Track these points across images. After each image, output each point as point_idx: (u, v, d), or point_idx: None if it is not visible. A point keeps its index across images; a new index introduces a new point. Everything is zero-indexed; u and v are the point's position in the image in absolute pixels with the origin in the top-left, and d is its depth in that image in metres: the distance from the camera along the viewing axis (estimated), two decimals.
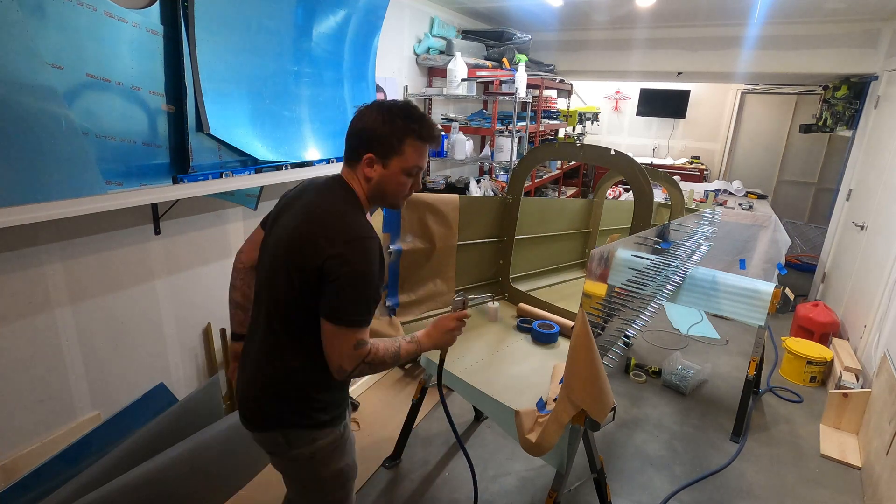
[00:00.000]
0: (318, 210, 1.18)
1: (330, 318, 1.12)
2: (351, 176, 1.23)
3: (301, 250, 1.14)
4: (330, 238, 1.11)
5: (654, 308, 1.88)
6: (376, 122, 1.16)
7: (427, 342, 1.30)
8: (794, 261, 5.49)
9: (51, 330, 1.81)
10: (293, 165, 2.44)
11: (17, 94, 1.47)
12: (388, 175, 1.19)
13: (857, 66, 3.92)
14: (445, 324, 1.31)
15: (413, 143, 1.18)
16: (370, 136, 1.17)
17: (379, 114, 1.16)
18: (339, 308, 1.11)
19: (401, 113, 1.17)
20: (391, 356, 1.20)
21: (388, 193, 1.22)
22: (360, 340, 1.13)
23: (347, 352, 1.12)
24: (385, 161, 1.18)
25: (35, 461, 1.79)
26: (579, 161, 5.10)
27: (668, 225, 2.47)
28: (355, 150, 1.19)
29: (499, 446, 2.48)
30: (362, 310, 1.13)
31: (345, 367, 1.13)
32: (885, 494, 2.05)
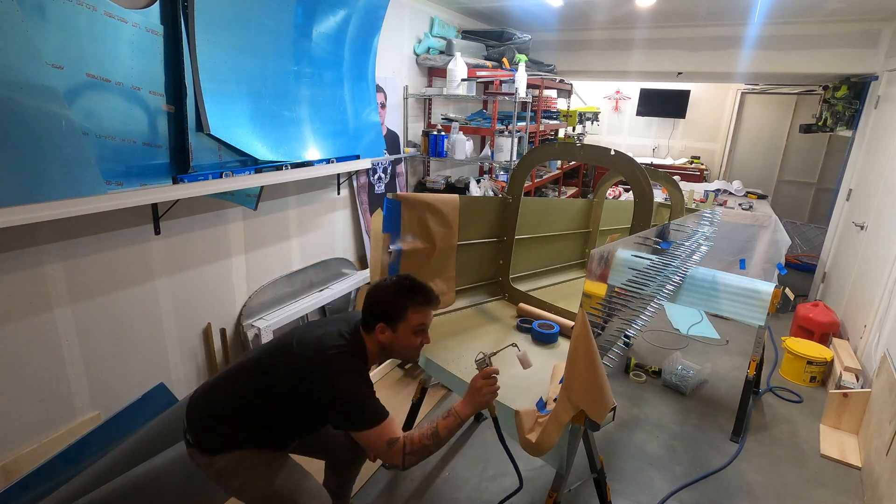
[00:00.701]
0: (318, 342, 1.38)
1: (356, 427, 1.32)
2: (367, 338, 1.45)
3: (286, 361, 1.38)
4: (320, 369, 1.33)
5: (654, 308, 1.88)
6: (381, 297, 1.42)
7: (466, 409, 1.42)
8: (794, 261, 5.49)
9: (51, 330, 1.81)
10: (293, 165, 2.44)
11: (17, 94, 1.47)
12: (398, 338, 1.42)
13: (857, 66, 3.92)
14: (479, 387, 1.42)
15: (414, 309, 1.42)
16: (381, 306, 1.42)
17: (384, 293, 1.43)
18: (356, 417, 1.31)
19: (398, 289, 1.42)
20: (430, 438, 1.35)
21: (402, 350, 1.46)
22: (391, 439, 1.31)
23: (386, 450, 1.31)
24: (394, 328, 1.41)
25: (35, 461, 1.79)
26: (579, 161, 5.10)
27: (668, 225, 2.47)
28: (369, 321, 1.43)
29: (499, 446, 2.48)
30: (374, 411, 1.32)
31: (393, 462, 1.33)
32: (885, 494, 2.05)
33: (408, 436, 1.33)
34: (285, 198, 2.75)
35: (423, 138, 3.68)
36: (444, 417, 1.38)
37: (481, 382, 1.41)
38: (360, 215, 3.36)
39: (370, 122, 2.98)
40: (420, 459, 1.35)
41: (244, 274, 2.57)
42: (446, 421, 1.38)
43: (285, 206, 2.76)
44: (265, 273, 2.70)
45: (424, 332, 1.46)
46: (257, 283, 2.65)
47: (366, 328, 1.44)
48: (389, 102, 3.40)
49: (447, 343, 1.97)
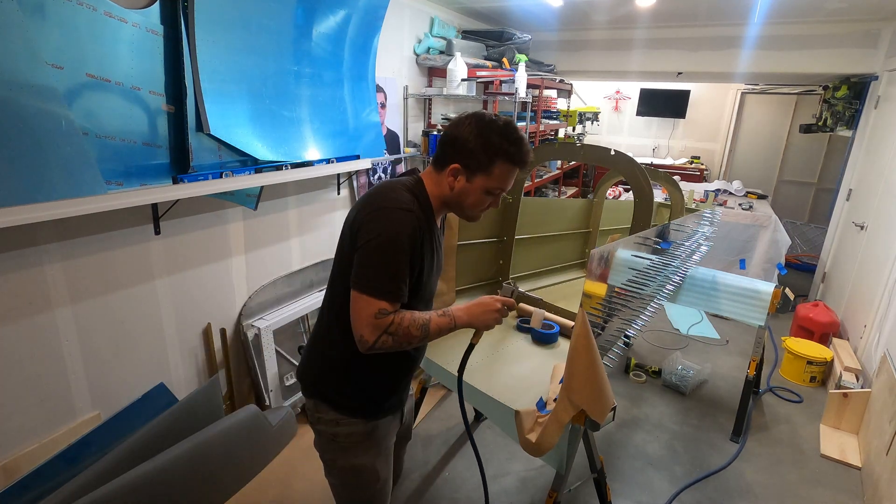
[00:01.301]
0: (374, 188, 1.21)
1: (354, 285, 1.11)
2: (431, 177, 1.23)
3: (348, 224, 1.19)
4: (366, 207, 1.15)
5: (654, 308, 1.88)
6: (471, 133, 1.15)
7: (463, 317, 1.22)
8: (794, 261, 5.49)
9: (51, 330, 1.81)
10: (293, 165, 2.44)
11: (17, 94, 1.47)
12: (469, 189, 1.19)
13: (857, 66, 3.92)
14: (490, 303, 1.24)
15: (503, 165, 1.17)
16: (462, 146, 1.16)
17: (476, 126, 1.15)
18: (361, 275, 1.11)
19: (499, 130, 1.15)
20: (418, 328, 1.14)
21: (466, 206, 1.23)
22: (382, 310, 1.10)
23: (368, 320, 1.09)
24: (470, 175, 1.17)
25: (35, 461, 1.79)
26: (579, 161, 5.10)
27: (668, 225, 2.47)
28: (443, 156, 1.19)
29: (499, 446, 2.48)
30: (384, 278, 1.10)
31: (366, 338, 1.10)
32: (885, 494, 2.05)
33: (398, 314, 1.12)
34: (285, 198, 2.75)
35: (423, 138, 3.68)
36: (440, 315, 1.19)
37: (497, 305, 1.23)
38: None
39: (370, 122, 2.98)
40: (394, 347, 1.13)
41: (244, 274, 2.57)
42: (441, 319, 1.18)
43: (285, 206, 2.76)
44: (265, 273, 2.70)
45: (498, 196, 1.23)
46: (257, 283, 2.65)
47: (437, 164, 1.20)
48: (389, 102, 3.39)
49: (447, 343, 1.97)
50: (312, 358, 1.34)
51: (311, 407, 1.32)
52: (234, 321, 2.56)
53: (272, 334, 2.57)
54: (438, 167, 1.20)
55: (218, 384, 2.17)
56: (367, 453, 1.31)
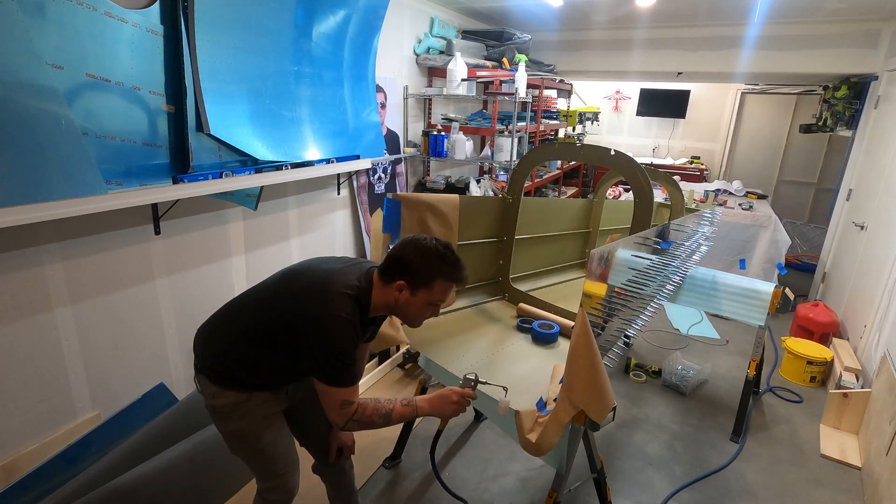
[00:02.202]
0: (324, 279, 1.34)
1: (318, 378, 1.29)
2: (379, 286, 1.37)
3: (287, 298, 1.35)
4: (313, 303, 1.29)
5: (654, 308, 1.88)
6: (413, 258, 1.34)
7: (425, 407, 1.39)
8: (794, 261, 5.49)
9: (51, 330, 1.81)
10: (293, 165, 2.44)
11: (17, 94, 1.47)
12: (412, 301, 1.36)
13: (857, 66, 3.92)
14: (449, 396, 1.40)
15: (442, 282, 1.36)
16: (406, 267, 1.34)
17: (419, 250, 1.35)
18: (322, 371, 1.28)
19: (438, 254, 1.35)
20: (381, 416, 1.33)
21: (409, 315, 1.40)
22: (345, 400, 1.29)
23: (335, 409, 1.29)
24: (414, 291, 1.35)
25: (35, 461, 1.79)
26: (579, 161, 5.10)
27: (668, 225, 2.47)
28: (390, 273, 1.35)
29: (499, 446, 2.48)
30: (340, 374, 1.28)
31: (337, 423, 1.31)
32: (885, 494, 2.05)
33: (362, 404, 1.31)
34: (285, 198, 2.75)
35: (423, 138, 3.68)
36: (404, 405, 1.36)
37: (456, 397, 1.40)
38: (360, 215, 3.36)
39: (370, 122, 2.98)
40: (360, 429, 1.34)
41: (244, 274, 2.57)
42: (404, 409, 1.36)
43: (285, 206, 2.76)
44: (265, 273, 2.67)
45: (437, 307, 1.42)
46: None
47: (384, 277, 1.37)
48: (389, 102, 3.40)
49: (447, 343, 1.97)
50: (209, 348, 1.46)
51: (197, 384, 1.47)
52: None
53: None
54: (386, 280, 1.36)
55: None
56: (242, 419, 1.42)
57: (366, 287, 1.36)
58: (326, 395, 1.29)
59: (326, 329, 1.27)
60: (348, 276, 1.36)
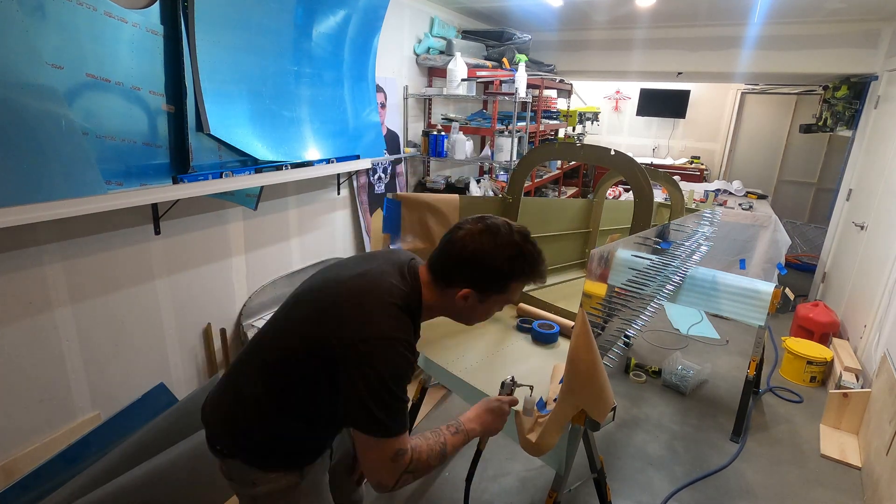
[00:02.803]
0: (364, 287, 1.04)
1: (360, 428, 0.98)
2: (432, 290, 1.09)
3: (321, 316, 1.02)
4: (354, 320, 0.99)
5: (654, 308, 1.88)
6: (494, 255, 1.05)
7: (477, 429, 1.17)
8: (794, 261, 5.49)
9: (51, 330, 1.81)
10: (293, 165, 2.44)
11: (17, 94, 1.47)
12: (481, 308, 1.12)
13: (857, 66, 3.92)
14: (499, 407, 1.20)
15: (519, 284, 1.11)
16: (477, 271, 1.05)
17: (492, 247, 1.05)
18: (369, 417, 0.97)
19: (517, 255, 1.07)
20: (437, 456, 1.06)
21: (469, 319, 1.16)
22: (400, 450, 0.99)
23: (385, 465, 0.99)
24: (483, 297, 1.09)
25: (35, 461, 1.79)
26: (579, 161, 5.10)
27: (668, 225, 2.47)
28: (451, 276, 1.07)
29: (499, 446, 2.48)
30: (395, 417, 0.99)
31: (385, 483, 1.00)
32: (885, 494, 2.05)
33: (416, 448, 1.02)
34: (285, 198, 2.75)
35: (423, 138, 3.68)
36: (454, 433, 1.10)
37: (506, 409, 1.20)
38: (360, 215, 3.36)
39: (370, 122, 2.98)
40: (414, 480, 1.05)
41: (244, 274, 2.57)
42: (455, 438, 1.11)
43: (285, 206, 2.76)
44: (265, 273, 2.70)
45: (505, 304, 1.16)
46: (257, 283, 2.65)
47: (442, 279, 1.08)
48: (389, 102, 3.40)
49: (447, 343, 1.97)
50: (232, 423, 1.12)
51: (224, 471, 1.16)
52: (235, 321, 2.56)
53: None
54: (443, 284, 1.08)
55: None
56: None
57: (413, 287, 1.08)
58: (374, 449, 0.99)
59: (374, 357, 0.96)
60: (389, 277, 1.06)
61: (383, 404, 0.97)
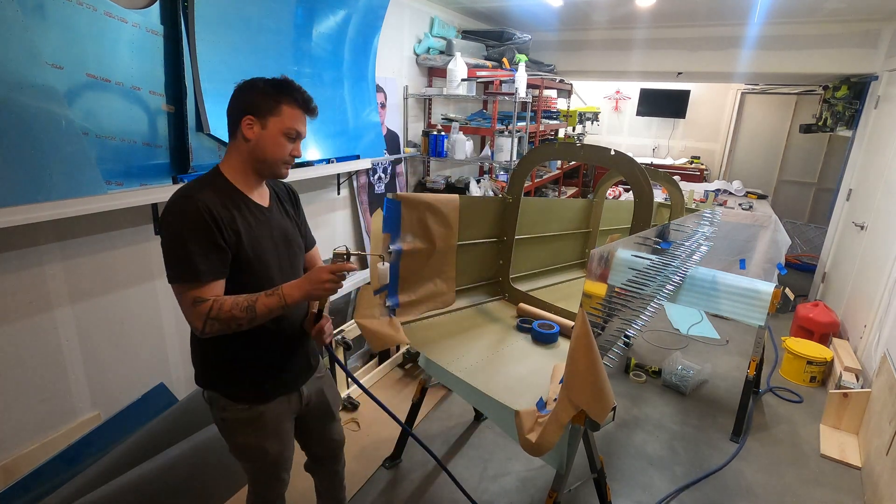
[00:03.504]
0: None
1: (168, 280, 1.18)
2: (229, 154, 1.27)
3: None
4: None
5: (654, 308, 1.88)
6: (252, 90, 1.23)
7: (294, 294, 1.23)
8: (794, 261, 5.49)
9: (51, 330, 1.81)
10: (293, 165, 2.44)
11: (17, 94, 1.47)
12: (267, 136, 1.24)
13: (857, 66, 3.92)
14: (319, 275, 1.24)
15: (289, 107, 1.25)
16: (247, 101, 1.23)
17: (251, 84, 1.24)
18: (167, 269, 1.17)
19: (272, 81, 1.25)
20: (242, 310, 1.18)
21: (268, 156, 1.26)
22: (197, 297, 1.16)
23: (189, 309, 1.17)
24: (263, 122, 1.23)
25: (35, 461, 1.79)
26: (579, 161, 5.10)
27: (668, 225, 2.47)
28: (235, 119, 1.24)
29: (499, 446, 2.48)
30: (181, 266, 1.15)
31: (196, 326, 1.18)
32: (885, 494, 2.05)
33: (218, 300, 1.17)
34: None
35: (423, 138, 3.68)
36: (268, 295, 1.21)
37: (326, 275, 1.23)
38: (360, 215, 3.36)
39: (370, 122, 2.98)
40: (223, 329, 1.18)
41: None
42: (269, 299, 1.20)
43: None
44: None
45: (296, 142, 1.29)
46: None
47: (231, 132, 1.26)
48: (389, 102, 3.40)
49: (447, 343, 1.97)
50: (195, 354, 1.38)
51: (206, 398, 1.39)
52: None
53: None
54: (232, 134, 1.26)
55: None
56: (254, 434, 1.37)
57: (209, 172, 1.27)
58: (178, 297, 1.18)
59: (165, 214, 1.17)
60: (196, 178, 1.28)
61: (175, 256, 1.16)
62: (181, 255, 1.15)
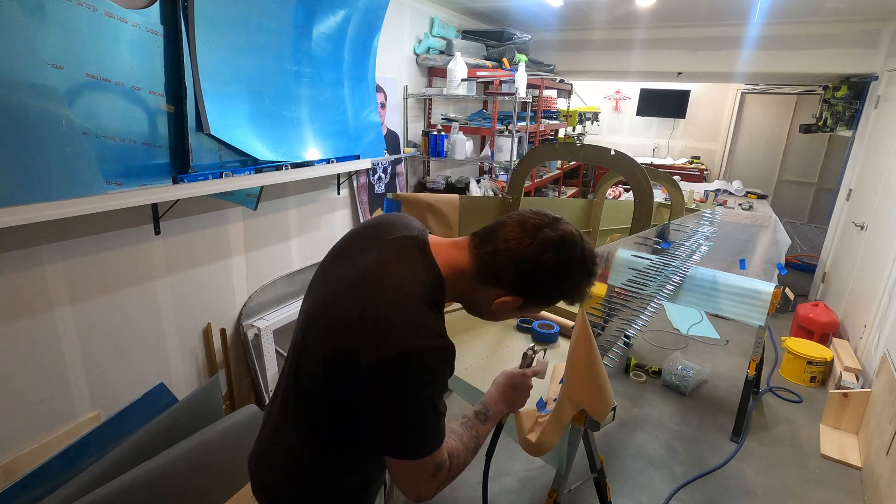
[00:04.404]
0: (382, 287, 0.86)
1: (393, 453, 0.86)
2: (467, 274, 0.91)
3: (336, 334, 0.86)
4: (379, 335, 0.81)
5: (654, 308, 1.88)
6: (554, 284, 0.90)
7: (504, 409, 1.10)
8: (794, 261, 5.49)
9: (51, 330, 1.81)
10: (293, 165, 2.44)
11: (17, 94, 1.47)
12: (508, 312, 0.95)
13: (857, 66, 3.92)
14: (522, 382, 1.12)
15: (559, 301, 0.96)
16: (536, 288, 0.89)
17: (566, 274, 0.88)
18: (404, 441, 0.86)
19: (584, 273, 0.90)
20: (472, 452, 0.99)
21: (492, 318, 1.00)
22: (439, 464, 0.88)
23: (426, 482, 0.89)
24: (524, 307, 0.93)
25: (35, 461, 1.79)
26: (579, 161, 5.10)
27: (668, 225, 2.47)
28: (503, 280, 0.89)
29: (499, 446, 2.48)
30: (433, 434, 0.87)
31: (425, 496, 0.90)
32: (885, 494, 2.05)
33: (453, 454, 0.92)
34: (285, 198, 2.75)
35: (423, 138, 3.68)
36: (482, 419, 1.01)
37: (530, 383, 1.13)
38: (360, 215, 3.36)
39: (370, 122, 2.98)
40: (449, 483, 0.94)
41: (244, 274, 2.57)
42: (486, 427, 1.02)
43: (285, 206, 2.76)
44: (265, 273, 2.70)
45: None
46: (257, 283, 2.65)
47: (486, 276, 0.89)
48: (389, 102, 3.39)
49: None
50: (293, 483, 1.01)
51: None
52: (235, 321, 2.56)
53: (272, 334, 2.57)
54: (487, 281, 0.91)
55: (218, 384, 2.18)
56: None
57: (434, 274, 0.90)
58: (409, 470, 0.87)
59: (410, 369, 0.81)
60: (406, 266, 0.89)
61: (423, 422, 0.85)
62: (431, 423, 0.86)
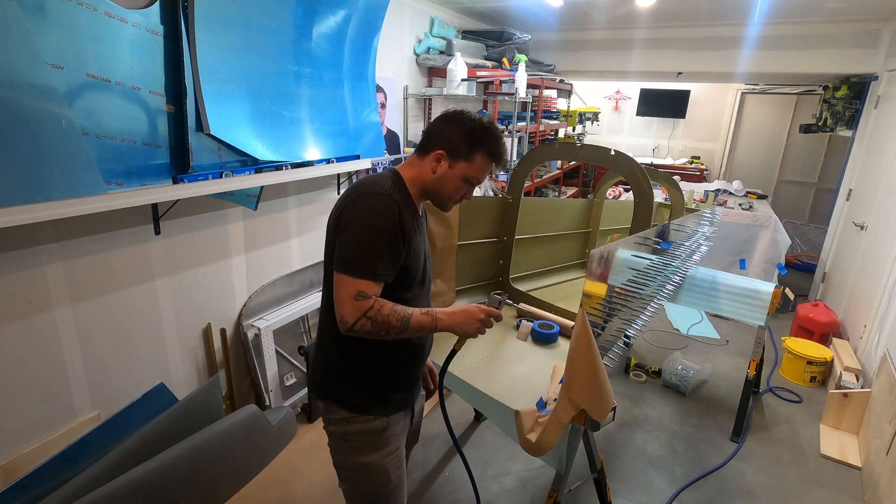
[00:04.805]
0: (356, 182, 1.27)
1: (336, 267, 1.15)
2: (413, 164, 1.28)
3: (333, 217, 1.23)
4: (347, 196, 1.20)
5: (654, 308, 1.88)
6: (458, 125, 1.24)
7: (445, 320, 1.23)
8: (794, 261, 5.49)
9: (51, 330, 1.81)
10: (293, 165, 2.44)
11: (17, 94, 1.47)
12: (450, 175, 1.26)
13: (857, 66, 3.92)
14: (474, 312, 1.26)
15: (483, 157, 1.26)
16: (449, 135, 1.24)
17: (463, 120, 1.24)
18: (342, 256, 1.14)
19: (483, 127, 1.25)
20: (398, 319, 1.16)
21: (443, 192, 1.28)
22: (362, 292, 1.13)
23: (348, 300, 1.13)
24: (453, 162, 1.25)
25: (35, 461, 1.79)
26: (579, 161, 5.10)
27: (668, 225, 2.47)
28: (429, 143, 1.26)
29: (499, 446, 2.48)
30: (364, 259, 1.13)
31: (345, 318, 1.13)
32: (885, 494, 2.05)
33: (379, 301, 1.15)
34: (285, 198, 2.75)
35: None
36: (423, 314, 1.20)
37: (480, 315, 1.26)
38: None
39: (370, 122, 2.98)
40: (372, 333, 1.15)
41: (244, 274, 2.57)
42: (423, 317, 1.20)
43: (285, 206, 2.76)
44: (265, 273, 2.70)
45: (472, 188, 1.32)
46: (257, 283, 2.65)
47: (421, 150, 1.27)
48: (389, 102, 3.39)
49: (447, 343, 1.97)
50: (318, 360, 1.36)
51: (323, 409, 1.34)
52: (234, 321, 2.56)
53: (272, 334, 2.57)
54: (422, 153, 1.27)
55: (218, 384, 2.17)
56: (377, 452, 1.31)
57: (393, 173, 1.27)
58: (342, 283, 1.13)
59: (357, 206, 1.15)
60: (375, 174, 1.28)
61: (358, 247, 1.14)
62: (365, 249, 1.13)
